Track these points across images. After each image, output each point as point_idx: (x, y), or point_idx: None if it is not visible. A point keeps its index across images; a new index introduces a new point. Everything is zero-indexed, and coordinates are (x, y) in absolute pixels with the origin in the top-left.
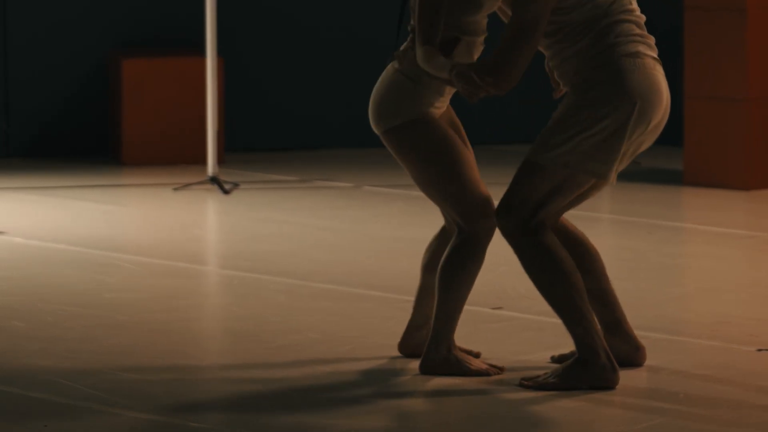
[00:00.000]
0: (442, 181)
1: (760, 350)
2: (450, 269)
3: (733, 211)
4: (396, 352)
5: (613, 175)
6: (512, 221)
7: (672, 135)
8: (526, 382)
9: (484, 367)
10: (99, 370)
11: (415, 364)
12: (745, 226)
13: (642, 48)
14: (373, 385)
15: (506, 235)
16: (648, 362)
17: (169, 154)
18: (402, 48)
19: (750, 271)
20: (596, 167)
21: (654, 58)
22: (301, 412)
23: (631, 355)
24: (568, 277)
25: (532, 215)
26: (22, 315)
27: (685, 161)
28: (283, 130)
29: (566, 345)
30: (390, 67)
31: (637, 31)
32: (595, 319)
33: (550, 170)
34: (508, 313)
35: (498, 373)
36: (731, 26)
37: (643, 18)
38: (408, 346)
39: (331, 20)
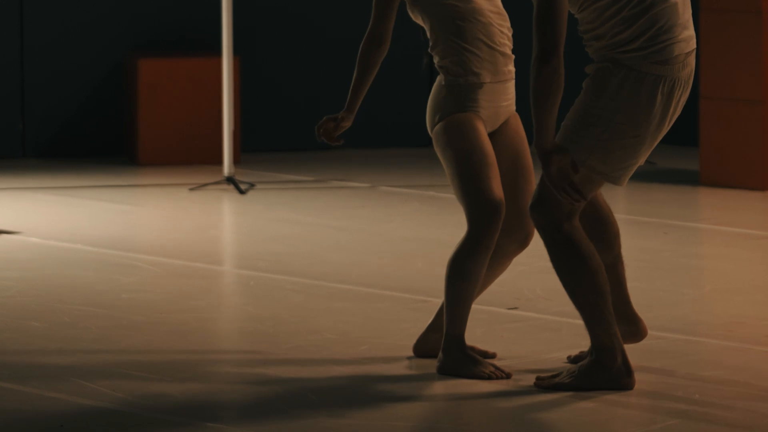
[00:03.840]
0: (459, 181)
1: None
2: (453, 268)
3: (749, 211)
4: (412, 353)
5: (626, 180)
6: (544, 214)
7: (688, 135)
8: (541, 383)
9: (487, 371)
10: (115, 370)
11: (431, 364)
12: (761, 227)
13: (677, 48)
14: (391, 385)
15: (538, 227)
16: (663, 363)
17: (185, 154)
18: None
19: (766, 271)
20: (609, 170)
21: (687, 53)
22: (319, 412)
23: (634, 333)
24: (594, 277)
25: (562, 209)
26: (39, 315)
27: (701, 161)
28: (299, 130)
29: (582, 345)
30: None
31: (680, 20)
32: (614, 320)
33: None
34: (524, 313)
35: (504, 378)
36: (747, 28)
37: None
38: (423, 348)
39: (347, 20)
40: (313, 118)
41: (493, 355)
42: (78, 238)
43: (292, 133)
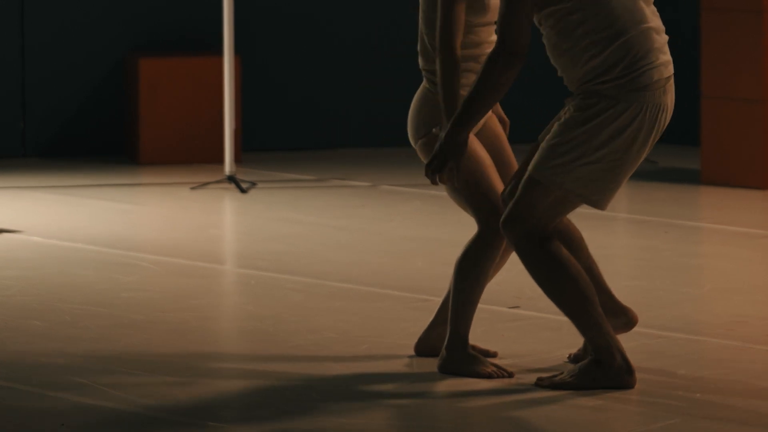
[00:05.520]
0: (463, 189)
1: None
2: (463, 267)
3: (749, 210)
4: (413, 352)
5: (608, 203)
6: (516, 232)
7: (689, 134)
8: (542, 382)
9: (489, 370)
10: (116, 369)
11: (432, 363)
12: (762, 226)
13: (656, 73)
14: (391, 384)
15: (512, 242)
16: (664, 362)
17: (187, 153)
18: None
19: (766, 270)
20: (587, 193)
21: (666, 78)
22: (319, 411)
23: (625, 323)
24: (576, 282)
25: (536, 225)
26: (40, 314)
27: (702, 161)
28: (300, 130)
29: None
30: (423, 84)
31: (656, 44)
32: (606, 321)
33: (548, 188)
34: (525, 312)
35: (506, 377)
36: (748, 28)
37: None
38: (425, 346)
39: (349, 19)
40: (313, 117)
41: (494, 354)
42: (78, 237)
43: (293, 132)
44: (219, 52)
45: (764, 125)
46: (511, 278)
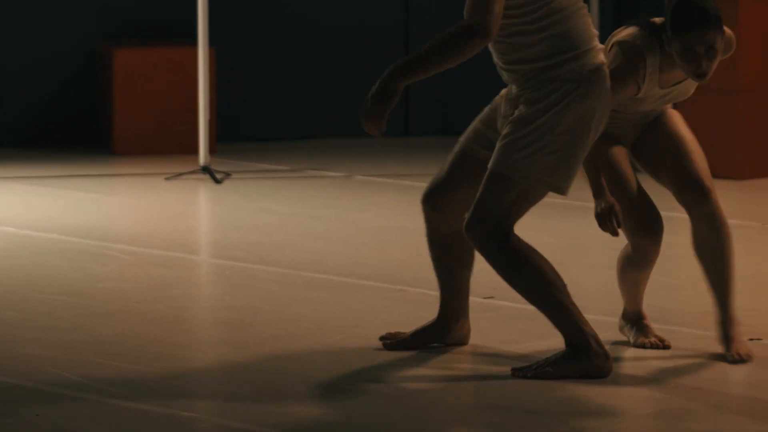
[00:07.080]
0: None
1: (751, 339)
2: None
3: (725, 200)
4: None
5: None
6: (480, 232)
7: None
8: (518, 372)
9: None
10: (91, 359)
11: (407, 354)
12: (737, 216)
13: (601, 56)
14: (366, 375)
15: (476, 245)
16: (637, 352)
17: (161, 143)
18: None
19: (742, 261)
20: (555, 181)
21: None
22: (295, 402)
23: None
24: (543, 275)
25: (499, 224)
26: (14, 305)
27: None
28: (275, 120)
29: (558, 334)
30: None
31: (592, 27)
32: (578, 308)
33: (514, 182)
34: (500, 302)
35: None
36: (723, 17)
37: None
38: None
39: (325, 9)
40: (288, 107)
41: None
42: (53, 228)
43: (267, 123)
44: (194, 42)
45: (739, 115)
46: (487, 269)
